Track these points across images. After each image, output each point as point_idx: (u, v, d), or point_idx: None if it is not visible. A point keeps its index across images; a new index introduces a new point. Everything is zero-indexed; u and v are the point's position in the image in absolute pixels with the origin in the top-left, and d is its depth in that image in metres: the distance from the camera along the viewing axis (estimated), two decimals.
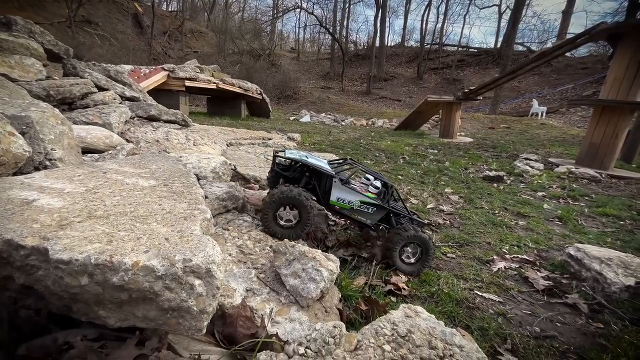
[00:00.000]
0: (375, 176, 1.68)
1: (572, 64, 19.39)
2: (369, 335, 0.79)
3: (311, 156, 1.65)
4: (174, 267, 0.67)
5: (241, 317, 0.89)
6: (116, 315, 0.69)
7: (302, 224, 1.44)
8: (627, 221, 2.62)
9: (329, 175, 1.51)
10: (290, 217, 1.44)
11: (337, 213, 1.60)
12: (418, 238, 1.52)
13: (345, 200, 1.54)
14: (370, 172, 1.70)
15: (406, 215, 1.68)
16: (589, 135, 4.75)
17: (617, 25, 4.56)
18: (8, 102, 1.49)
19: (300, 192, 1.40)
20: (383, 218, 1.64)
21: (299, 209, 1.42)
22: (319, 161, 1.60)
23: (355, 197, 1.55)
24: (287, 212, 1.44)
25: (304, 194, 1.40)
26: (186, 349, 0.79)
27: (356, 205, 1.55)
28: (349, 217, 1.60)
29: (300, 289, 1.05)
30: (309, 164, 1.49)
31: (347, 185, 1.53)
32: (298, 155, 1.54)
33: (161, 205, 0.96)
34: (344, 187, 1.52)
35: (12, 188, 0.97)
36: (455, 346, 0.77)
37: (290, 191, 1.38)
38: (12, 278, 0.72)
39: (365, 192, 1.59)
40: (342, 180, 1.52)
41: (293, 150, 1.68)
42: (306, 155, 1.62)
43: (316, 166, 1.48)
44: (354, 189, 1.55)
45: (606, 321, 1.32)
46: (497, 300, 1.44)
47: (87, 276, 0.65)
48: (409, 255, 1.57)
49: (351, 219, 1.60)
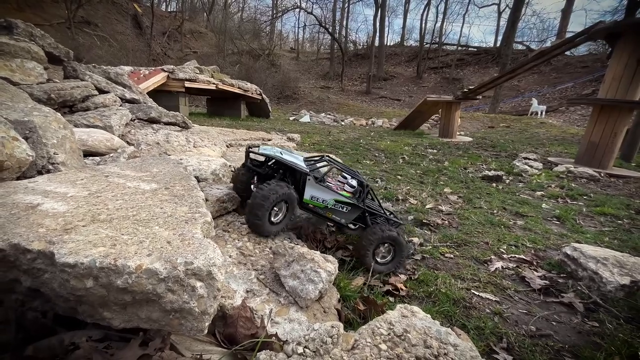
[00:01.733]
0: (351, 175, 1.67)
1: (571, 63, 19.40)
2: (366, 335, 0.81)
3: (286, 152, 1.62)
4: (176, 270, 0.69)
5: (241, 317, 0.91)
6: (120, 316, 0.71)
7: (288, 218, 1.46)
8: (624, 220, 2.64)
9: (303, 172, 1.46)
10: (281, 215, 1.44)
11: (310, 211, 1.56)
12: (390, 238, 1.51)
13: (319, 198, 1.50)
14: (347, 170, 1.68)
15: (382, 215, 1.66)
16: (588, 134, 4.76)
17: (615, 24, 4.58)
18: (11, 107, 1.51)
19: (292, 191, 1.38)
20: (359, 217, 1.62)
21: (289, 205, 1.41)
22: (294, 158, 1.55)
23: (330, 195, 1.51)
24: (279, 210, 1.42)
25: (294, 192, 1.39)
26: (188, 349, 0.81)
27: (330, 204, 1.52)
28: (322, 216, 1.56)
29: (299, 290, 1.07)
30: (283, 161, 1.43)
31: (322, 184, 1.49)
32: (272, 152, 1.50)
33: (163, 209, 0.98)
34: (318, 186, 1.48)
35: (16, 192, 0.99)
36: (450, 345, 0.79)
37: (283, 188, 1.35)
38: (19, 281, 0.74)
39: (341, 191, 1.56)
40: (317, 179, 1.48)
41: (268, 147, 1.64)
42: (281, 151, 1.58)
43: (290, 163, 1.43)
44: (329, 188, 1.51)
45: (601, 320, 1.34)
46: (493, 300, 1.46)
47: (92, 279, 0.67)
48: (384, 255, 1.56)
49: (325, 217, 1.57)
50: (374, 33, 22.54)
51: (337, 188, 1.58)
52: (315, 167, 1.65)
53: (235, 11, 29.67)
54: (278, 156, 1.45)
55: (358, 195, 1.60)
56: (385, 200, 2.79)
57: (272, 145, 1.72)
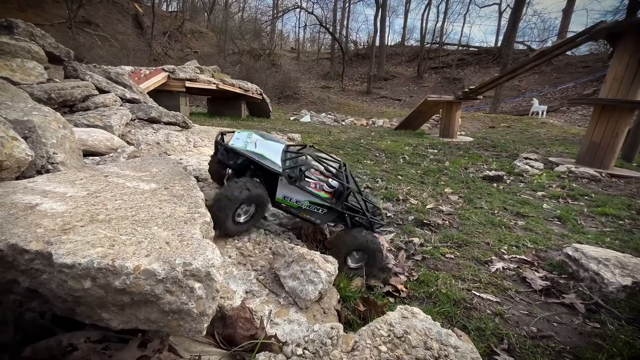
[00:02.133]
0: (332, 172, 1.49)
1: (572, 63, 19.35)
2: (366, 336, 0.81)
3: (264, 140, 1.48)
4: (175, 271, 0.69)
5: (241, 318, 0.90)
6: (119, 317, 0.71)
7: (256, 219, 1.37)
8: (626, 221, 2.63)
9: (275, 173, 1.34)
10: (247, 216, 1.34)
11: (284, 210, 1.45)
12: (363, 246, 1.43)
13: (293, 199, 1.39)
14: (328, 167, 1.50)
15: (364, 216, 1.50)
16: (589, 134, 4.75)
17: (616, 24, 4.56)
18: (11, 106, 1.51)
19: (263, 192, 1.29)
20: (339, 216, 1.50)
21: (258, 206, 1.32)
22: (270, 150, 1.41)
23: (304, 197, 1.40)
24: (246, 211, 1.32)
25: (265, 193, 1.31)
26: (187, 350, 0.81)
27: (305, 205, 1.41)
28: (296, 216, 1.47)
29: (299, 290, 1.06)
30: (253, 160, 1.30)
31: (296, 184, 1.37)
32: (244, 145, 1.35)
33: (162, 209, 0.97)
34: (291, 186, 1.37)
35: (15, 192, 0.99)
36: (451, 347, 0.79)
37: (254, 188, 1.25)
38: (17, 281, 0.73)
39: (318, 191, 1.45)
40: (291, 178, 1.36)
41: (243, 133, 1.47)
42: (257, 139, 1.44)
43: (260, 163, 1.30)
44: (304, 188, 1.39)
45: (602, 321, 1.33)
46: (494, 301, 1.45)
47: (90, 280, 0.67)
48: (358, 260, 1.49)
49: (299, 217, 1.46)
50: (375, 33, 22.52)
51: (315, 186, 1.47)
52: (295, 161, 1.49)
53: (235, 11, 29.70)
54: (248, 153, 1.31)
55: (338, 196, 1.47)
56: (386, 200, 2.78)
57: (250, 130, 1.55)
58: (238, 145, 1.34)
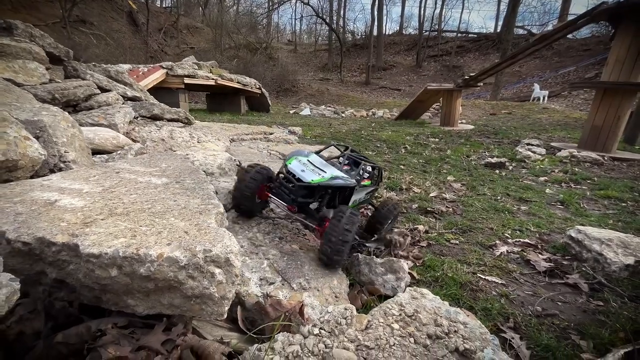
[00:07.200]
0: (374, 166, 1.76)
1: (573, 46, 19.09)
2: (378, 316, 0.84)
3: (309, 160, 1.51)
4: (196, 258, 0.72)
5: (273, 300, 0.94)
6: (144, 303, 0.75)
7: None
8: (628, 203, 2.65)
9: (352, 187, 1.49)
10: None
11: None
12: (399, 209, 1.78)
13: (357, 199, 1.66)
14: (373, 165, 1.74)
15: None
16: (591, 118, 4.73)
17: (618, 5, 4.49)
18: (19, 107, 1.53)
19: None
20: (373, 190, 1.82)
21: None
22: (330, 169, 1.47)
23: (363, 192, 1.67)
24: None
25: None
26: (209, 333, 0.85)
27: (363, 199, 1.73)
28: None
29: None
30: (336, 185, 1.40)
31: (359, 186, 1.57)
32: (320, 176, 1.37)
33: (176, 201, 1.00)
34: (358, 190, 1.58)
35: (33, 190, 1.02)
36: (460, 323, 0.82)
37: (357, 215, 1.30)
38: (45, 273, 0.77)
39: (365, 181, 1.68)
40: (358, 182, 1.54)
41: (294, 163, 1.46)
42: (305, 162, 1.48)
43: (339, 185, 1.40)
44: (364, 188, 1.64)
45: (606, 299, 1.37)
46: (499, 283, 1.49)
47: (117, 268, 0.70)
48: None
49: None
50: (372, 22, 22.23)
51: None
52: (353, 169, 1.67)
53: (230, 4, 29.24)
54: (327, 182, 1.35)
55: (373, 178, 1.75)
56: (389, 190, 2.81)
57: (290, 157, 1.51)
58: (315, 179, 1.34)
